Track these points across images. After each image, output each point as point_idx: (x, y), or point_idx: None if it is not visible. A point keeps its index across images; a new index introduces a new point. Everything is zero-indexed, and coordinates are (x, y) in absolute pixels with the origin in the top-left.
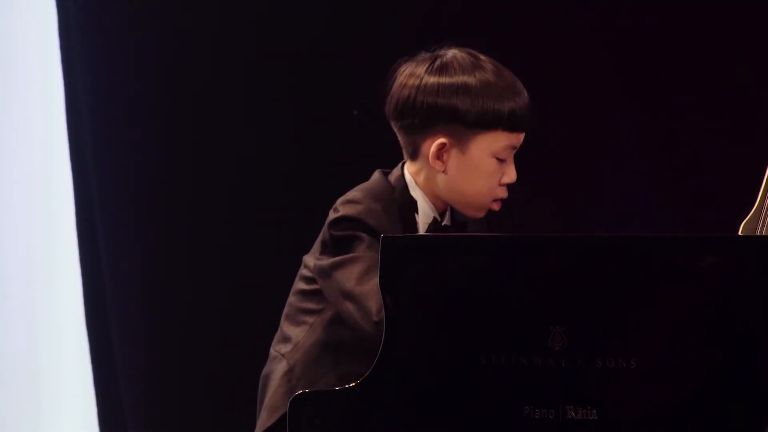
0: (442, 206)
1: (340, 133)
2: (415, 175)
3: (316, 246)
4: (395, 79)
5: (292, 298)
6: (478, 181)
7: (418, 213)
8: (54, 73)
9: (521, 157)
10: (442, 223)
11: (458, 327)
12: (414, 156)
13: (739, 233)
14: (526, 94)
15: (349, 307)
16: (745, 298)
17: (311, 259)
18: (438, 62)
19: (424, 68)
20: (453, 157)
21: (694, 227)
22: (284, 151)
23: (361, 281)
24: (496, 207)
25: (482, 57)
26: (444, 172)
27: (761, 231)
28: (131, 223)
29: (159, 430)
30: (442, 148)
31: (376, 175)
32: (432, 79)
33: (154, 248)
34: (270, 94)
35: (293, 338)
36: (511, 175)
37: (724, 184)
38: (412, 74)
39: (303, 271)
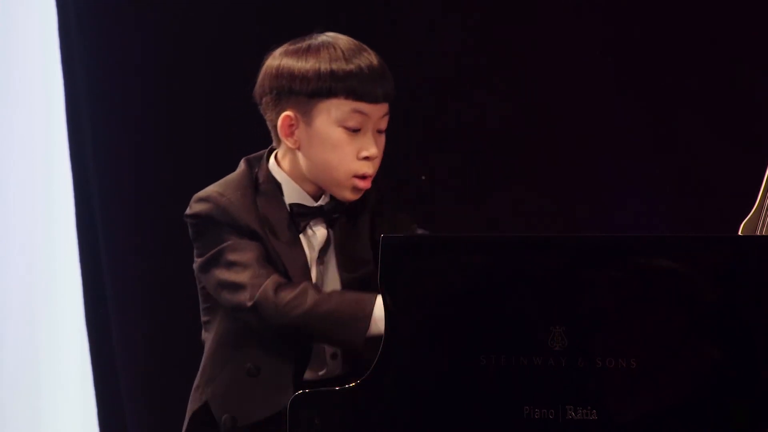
0: (314, 189)
1: None
2: (281, 159)
3: None
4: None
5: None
6: (327, 154)
7: (284, 195)
8: (54, 73)
9: (521, 156)
10: (317, 204)
11: (458, 327)
12: (277, 138)
13: (739, 233)
14: (377, 62)
15: (225, 296)
16: (745, 298)
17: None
18: (299, 45)
19: (284, 49)
20: (301, 131)
21: (694, 227)
22: None
23: (231, 269)
24: (361, 184)
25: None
26: (298, 149)
27: (761, 231)
28: (131, 223)
29: None
30: (290, 124)
31: (240, 165)
32: (280, 59)
33: (154, 248)
34: None
35: (204, 341)
36: (369, 148)
37: (724, 184)
38: (273, 55)
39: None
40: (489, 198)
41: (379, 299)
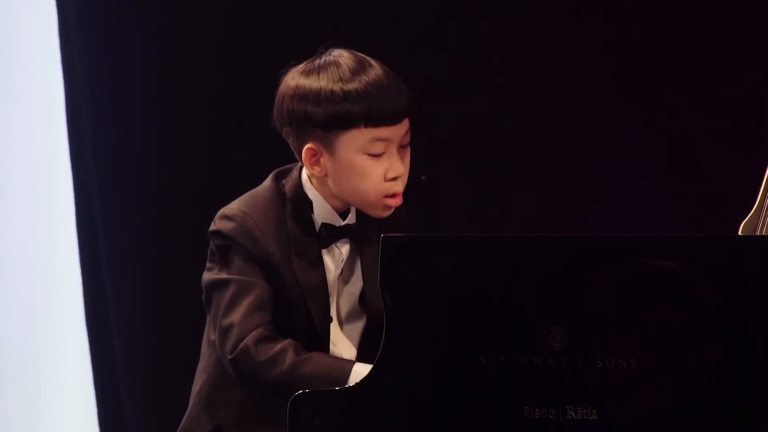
0: (342, 205)
1: None
2: (310, 177)
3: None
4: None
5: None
6: (356, 181)
7: (314, 213)
8: (54, 73)
9: (521, 156)
10: (344, 222)
11: (458, 327)
12: (301, 161)
13: (739, 233)
14: (386, 77)
15: (216, 335)
16: (745, 298)
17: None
18: (309, 66)
19: (297, 72)
20: (326, 161)
21: (694, 227)
22: (287, 151)
23: (226, 312)
24: (392, 202)
25: (360, 57)
26: (325, 176)
27: (761, 231)
28: (131, 223)
29: None
30: (313, 155)
31: (268, 181)
32: (294, 83)
33: (154, 249)
34: (272, 94)
35: (204, 356)
36: (396, 168)
37: (724, 184)
38: (287, 78)
39: None
40: (489, 198)
41: (356, 367)
